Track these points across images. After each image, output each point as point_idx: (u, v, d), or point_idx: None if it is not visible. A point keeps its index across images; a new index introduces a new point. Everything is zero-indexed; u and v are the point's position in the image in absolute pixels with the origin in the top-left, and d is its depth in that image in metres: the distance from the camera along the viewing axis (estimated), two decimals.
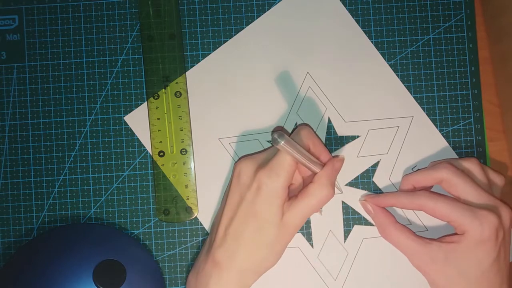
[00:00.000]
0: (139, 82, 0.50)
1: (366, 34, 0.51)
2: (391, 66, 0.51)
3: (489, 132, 0.51)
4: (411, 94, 0.50)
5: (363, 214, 0.50)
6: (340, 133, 0.50)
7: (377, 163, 0.50)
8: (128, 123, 0.50)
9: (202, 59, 0.50)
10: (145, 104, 0.50)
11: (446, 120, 0.51)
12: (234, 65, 0.50)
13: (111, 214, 0.50)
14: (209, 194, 0.50)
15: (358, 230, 0.50)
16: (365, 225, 0.50)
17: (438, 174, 0.46)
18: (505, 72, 0.50)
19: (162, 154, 0.50)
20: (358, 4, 0.51)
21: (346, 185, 0.50)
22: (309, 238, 0.50)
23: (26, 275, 0.47)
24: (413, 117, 0.50)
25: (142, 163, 0.50)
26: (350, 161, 0.50)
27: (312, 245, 0.50)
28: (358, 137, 0.50)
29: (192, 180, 0.50)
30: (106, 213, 0.50)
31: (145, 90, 0.50)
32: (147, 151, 0.50)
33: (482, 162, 0.50)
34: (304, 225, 0.50)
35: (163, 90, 0.50)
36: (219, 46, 0.50)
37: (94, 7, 0.50)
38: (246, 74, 0.50)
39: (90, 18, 0.50)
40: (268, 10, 0.51)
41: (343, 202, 0.50)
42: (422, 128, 0.50)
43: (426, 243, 0.45)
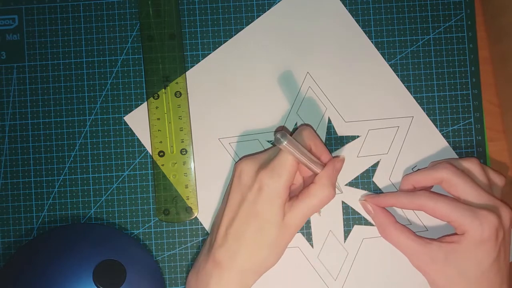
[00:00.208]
0: (139, 82, 0.50)
1: (366, 34, 0.51)
2: (391, 66, 0.51)
3: (489, 132, 0.51)
4: (411, 94, 0.50)
5: (363, 214, 0.50)
6: (340, 133, 0.50)
7: (377, 163, 0.50)
8: (128, 123, 0.50)
9: (202, 59, 0.50)
10: (145, 104, 0.50)
11: (446, 120, 0.51)
12: (234, 65, 0.50)
13: (111, 214, 0.50)
14: (209, 194, 0.50)
15: (358, 230, 0.50)
16: (365, 225, 0.50)
17: (438, 174, 0.46)
18: (505, 72, 0.50)
19: (162, 154, 0.50)
20: (358, 4, 0.51)
21: (346, 185, 0.50)
22: (309, 238, 0.50)
23: (26, 275, 0.47)
24: (413, 117, 0.50)
25: (142, 163, 0.50)
26: (350, 161, 0.50)
27: (312, 245, 0.50)
28: (358, 137, 0.50)
29: (192, 180, 0.50)
30: (106, 213, 0.50)
31: (145, 90, 0.50)
32: (147, 151, 0.50)
33: (482, 162, 0.50)
34: (304, 225, 0.50)
35: (163, 90, 0.50)
36: (219, 46, 0.50)
37: (94, 7, 0.50)
38: (246, 74, 0.50)
39: (90, 18, 0.50)
40: (268, 10, 0.51)
41: (343, 202, 0.50)
42: (422, 128, 0.50)
43: (426, 243, 0.45)
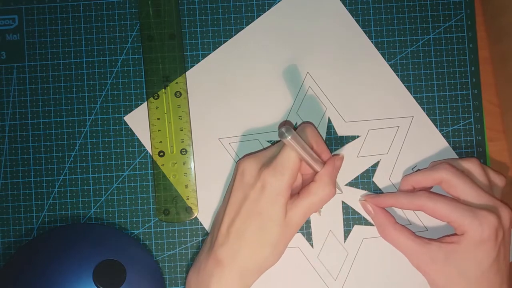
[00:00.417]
0: (139, 82, 0.50)
1: (366, 34, 0.51)
2: (391, 66, 0.51)
3: (489, 132, 0.51)
4: (411, 94, 0.50)
5: (363, 214, 0.50)
6: (340, 133, 0.50)
7: (377, 163, 0.50)
8: (128, 123, 0.50)
9: (202, 59, 0.50)
10: (145, 104, 0.50)
11: (446, 120, 0.51)
12: (234, 65, 0.50)
13: (111, 214, 0.50)
14: (209, 194, 0.50)
15: (358, 230, 0.50)
16: (365, 225, 0.50)
17: (437, 175, 0.46)
18: (505, 72, 0.50)
19: (162, 154, 0.50)
20: (358, 4, 0.51)
21: (346, 185, 0.50)
22: (309, 238, 0.50)
23: (26, 275, 0.47)
24: (413, 117, 0.50)
25: (142, 163, 0.50)
26: (350, 161, 0.50)
27: (312, 245, 0.50)
28: (358, 137, 0.50)
29: (192, 180, 0.50)
30: (106, 213, 0.50)
31: (145, 90, 0.50)
32: (147, 151, 0.50)
33: (482, 162, 0.50)
34: (304, 225, 0.50)
35: (163, 90, 0.50)
36: (219, 46, 0.50)
37: (94, 7, 0.50)
38: (246, 74, 0.50)
39: (90, 18, 0.50)
40: (268, 10, 0.51)
41: (343, 202, 0.50)
42: (422, 128, 0.50)
43: (426, 243, 0.45)
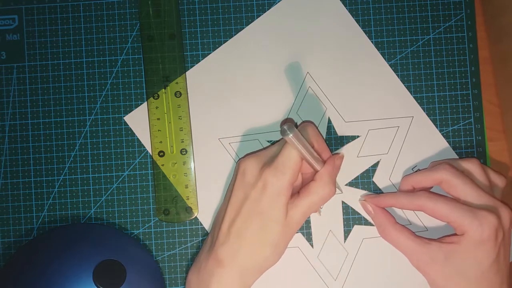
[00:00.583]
0: (139, 82, 0.50)
1: (366, 34, 0.51)
2: (391, 66, 0.51)
3: (489, 132, 0.51)
4: (411, 94, 0.50)
5: (363, 214, 0.50)
6: (340, 133, 0.50)
7: (377, 163, 0.50)
8: (128, 123, 0.50)
9: (202, 59, 0.50)
10: (145, 104, 0.50)
11: (446, 120, 0.51)
12: (234, 65, 0.50)
13: (111, 214, 0.50)
14: (209, 194, 0.50)
15: (358, 230, 0.50)
16: (365, 225, 0.50)
17: (437, 175, 0.46)
18: (505, 72, 0.50)
19: (162, 154, 0.50)
20: (358, 4, 0.51)
21: (346, 185, 0.50)
22: (309, 238, 0.50)
23: (26, 275, 0.47)
24: (413, 117, 0.50)
25: (142, 163, 0.50)
26: (350, 161, 0.50)
27: (312, 245, 0.50)
28: (358, 137, 0.50)
29: (192, 180, 0.50)
30: (106, 213, 0.50)
31: (145, 90, 0.50)
32: (147, 151, 0.50)
33: (482, 162, 0.50)
34: (304, 225, 0.50)
35: (163, 90, 0.50)
36: (219, 46, 0.50)
37: (94, 7, 0.50)
38: (246, 74, 0.50)
39: (90, 18, 0.50)
40: (268, 10, 0.51)
41: (343, 202, 0.50)
42: (422, 128, 0.50)
43: (426, 243, 0.45)
